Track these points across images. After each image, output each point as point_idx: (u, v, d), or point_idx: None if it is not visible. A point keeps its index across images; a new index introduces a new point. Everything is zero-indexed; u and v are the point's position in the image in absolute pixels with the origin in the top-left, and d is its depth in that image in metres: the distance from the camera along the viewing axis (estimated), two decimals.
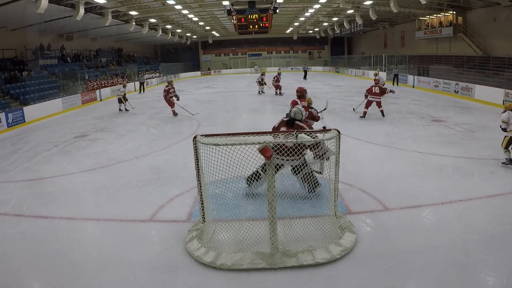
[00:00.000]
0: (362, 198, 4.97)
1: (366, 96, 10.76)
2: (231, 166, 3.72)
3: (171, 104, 12.37)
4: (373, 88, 10.63)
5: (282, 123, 5.00)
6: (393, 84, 20.58)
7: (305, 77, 28.46)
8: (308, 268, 3.44)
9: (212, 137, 3.73)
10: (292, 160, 4.54)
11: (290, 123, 4.90)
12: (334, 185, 4.08)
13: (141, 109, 15.00)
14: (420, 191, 5.12)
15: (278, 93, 17.46)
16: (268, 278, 3.35)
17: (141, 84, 23.31)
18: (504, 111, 6.29)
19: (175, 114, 12.39)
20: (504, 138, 5.98)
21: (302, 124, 4.88)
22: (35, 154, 8.26)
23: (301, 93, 7.05)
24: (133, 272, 3.49)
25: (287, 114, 5.41)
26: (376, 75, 15.40)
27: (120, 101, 14.36)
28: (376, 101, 10.66)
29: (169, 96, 12.17)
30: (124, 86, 14.80)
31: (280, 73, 18.90)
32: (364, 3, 21.17)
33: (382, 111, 10.73)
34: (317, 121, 6.83)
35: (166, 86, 12.27)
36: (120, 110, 14.40)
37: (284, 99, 15.99)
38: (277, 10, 21.19)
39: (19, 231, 4.46)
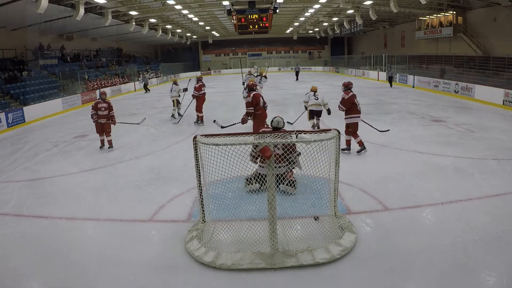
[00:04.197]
0: (362, 198, 4.96)
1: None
2: (231, 166, 3.73)
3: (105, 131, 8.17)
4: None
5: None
6: (391, 85, 20.23)
7: (297, 79, 27.33)
8: (308, 268, 3.44)
9: (212, 137, 3.73)
10: (279, 167, 4.69)
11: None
12: (334, 185, 4.08)
13: (141, 109, 15.01)
14: (420, 191, 5.11)
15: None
16: (268, 278, 3.35)
17: (145, 84, 23.32)
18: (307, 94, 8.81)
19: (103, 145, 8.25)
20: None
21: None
22: (35, 154, 8.26)
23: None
24: (133, 272, 3.49)
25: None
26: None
27: (177, 103, 11.94)
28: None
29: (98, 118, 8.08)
30: (176, 84, 12.01)
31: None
32: (364, 3, 21.18)
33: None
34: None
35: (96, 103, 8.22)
36: (173, 116, 11.94)
37: (283, 99, 15.99)
38: (277, 10, 21.18)
39: (19, 231, 4.46)
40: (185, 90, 11.87)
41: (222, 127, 7.07)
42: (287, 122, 8.50)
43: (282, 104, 13.85)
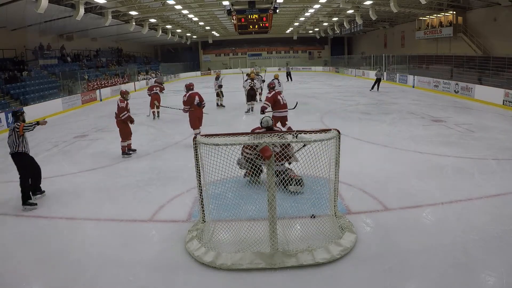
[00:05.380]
0: (362, 198, 4.97)
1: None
2: (231, 166, 3.73)
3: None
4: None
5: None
6: (374, 88, 17.91)
7: (289, 79, 25.33)
8: (308, 268, 3.44)
9: (212, 137, 3.73)
10: (280, 165, 4.69)
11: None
12: (334, 185, 4.08)
13: (141, 109, 14.99)
14: (420, 191, 5.11)
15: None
16: (268, 278, 3.35)
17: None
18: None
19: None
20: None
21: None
22: (35, 154, 8.17)
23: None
24: (133, 272, 3.49)
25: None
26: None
27: (217, 94, 13.43)
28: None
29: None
30: (217, 79, 13.38)
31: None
32: (364, 3, 21.18)
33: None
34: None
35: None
36: (218, 105, 13.53)
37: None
38: (277, 10, 21.18)
39: (19, 231, 4.46)
40: (220, 86, 13.19)
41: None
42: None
43: None
